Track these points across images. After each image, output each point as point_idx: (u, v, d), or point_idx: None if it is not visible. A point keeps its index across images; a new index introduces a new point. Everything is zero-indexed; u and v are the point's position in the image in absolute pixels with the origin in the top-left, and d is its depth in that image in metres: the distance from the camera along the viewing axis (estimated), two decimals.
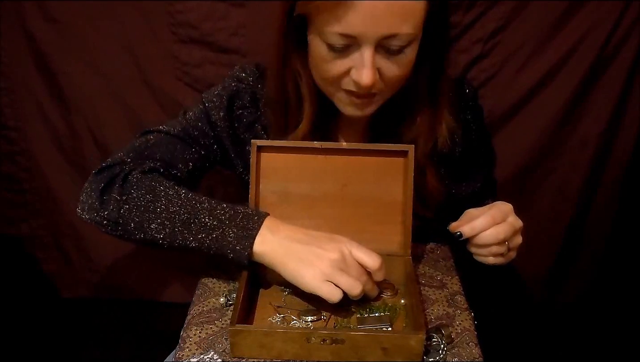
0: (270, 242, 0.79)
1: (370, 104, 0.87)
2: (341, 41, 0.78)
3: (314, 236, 0.80)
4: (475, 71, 1.37)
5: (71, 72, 1.39)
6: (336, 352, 0.74)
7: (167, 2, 1.32)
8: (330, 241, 0.79)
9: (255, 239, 0.79)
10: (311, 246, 0.78)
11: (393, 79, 0.84)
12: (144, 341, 1.55)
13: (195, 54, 1.36)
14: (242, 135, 0.98)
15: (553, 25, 1.33)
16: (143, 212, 0.84)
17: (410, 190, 0.86)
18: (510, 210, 0.85)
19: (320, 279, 0.76)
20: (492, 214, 0.83)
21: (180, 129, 0.96)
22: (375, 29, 0.76)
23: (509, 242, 0.84)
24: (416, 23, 0.78)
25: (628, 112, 1.42)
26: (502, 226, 0.83)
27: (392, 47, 0.79)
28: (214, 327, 0.81)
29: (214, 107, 0.96)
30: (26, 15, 1.34)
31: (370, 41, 0.78)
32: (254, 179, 0.87)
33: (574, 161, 1.46)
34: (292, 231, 0.81)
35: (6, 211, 1.53)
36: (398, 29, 0.77)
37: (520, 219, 0.85)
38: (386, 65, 0.81)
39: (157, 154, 0.93)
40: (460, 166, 1.01)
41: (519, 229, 0.85)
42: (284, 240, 0.79)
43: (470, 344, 0.79)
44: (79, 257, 1.58)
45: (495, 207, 0.85)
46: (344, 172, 0.88)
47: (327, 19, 0.77)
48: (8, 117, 1.44)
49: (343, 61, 0.81)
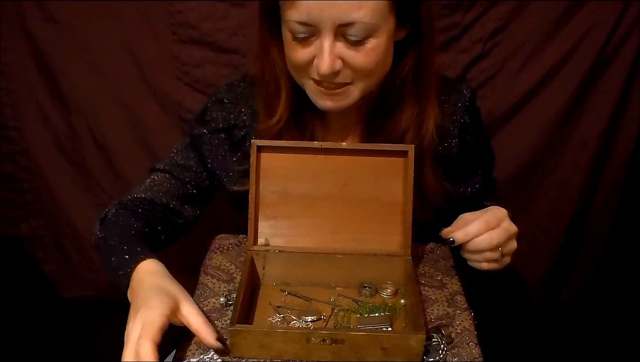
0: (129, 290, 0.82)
1: (343, 97, 0.87)
2: (301, 29, 0.80)
3: (133, 300, 0.79)
4: (475, 71, 1.37)
5: (71, 72, 1.39)
6: (336, 352, 0.74)
7: (167, 2, 1.32)
8: (137, 310, 0.75)
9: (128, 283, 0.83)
10: (132, 303, 0.79)
11: (361, 69, 0.84)
12: None
13: (195, 54, 1.36)
14: (227, 155, 1.00)
15: (553, 25, 1.33)
16: (104, 255, 0.90)
17: (410, 190, 0.86)
18: (504, 215, 0.84)
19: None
20: (485, 219, 0.82)
21: (172, 165, 1.01)
22: (329, 14, 0.77)
23: (503, 247, 0.83)
24: (375, 12, 0.78)
25: (628, 112, 1.42)
26: (496, 232, 0.82)
27: (352, 37, 0.80)
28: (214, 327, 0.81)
29: (199, 135, 1.00)
30: (26, 15, 1.34)
31: (328, 29, 0.79)
32: (254, 179, 0.87)
33: (574, 161, 1.46)
34: (134, 293, 0.80)
35: (6, 211, 1.53)
36: (354, 16, 0.78)
37: (519, 219, 0.85)
38: (350, 54, 0.82)
39: (154, 194, 0.99)
40: (458, 167, 1.01)
41: (514, 234, 0.84)
42: (131, 287, 0.82)
43: (470, 344, 0.79)
44: (79, 257, 1.58)
45: (489, 212, 0.84)
46: (344, 172, 0.88)
47: (287, 7, 0.80)
48: (8, 117, 1.44)
49: (307, 50, 0.83)
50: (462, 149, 1.00)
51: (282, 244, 0.90)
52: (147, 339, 0.71)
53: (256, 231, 0.89)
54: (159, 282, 0.80)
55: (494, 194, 1.09)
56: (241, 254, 0.98)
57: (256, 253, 0.89)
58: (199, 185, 1.02)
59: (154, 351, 0.71)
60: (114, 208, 0.96)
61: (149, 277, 0.82)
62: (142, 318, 0.73)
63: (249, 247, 0.89)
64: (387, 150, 0.87)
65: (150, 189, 0.99)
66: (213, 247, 1.01)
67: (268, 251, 0.89)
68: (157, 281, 0.80)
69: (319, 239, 0.86)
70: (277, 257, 0.88)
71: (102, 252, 0.90)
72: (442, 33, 1.32)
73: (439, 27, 1.31)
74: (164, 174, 1.00)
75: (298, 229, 0.89)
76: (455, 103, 0.98)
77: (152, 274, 0.82)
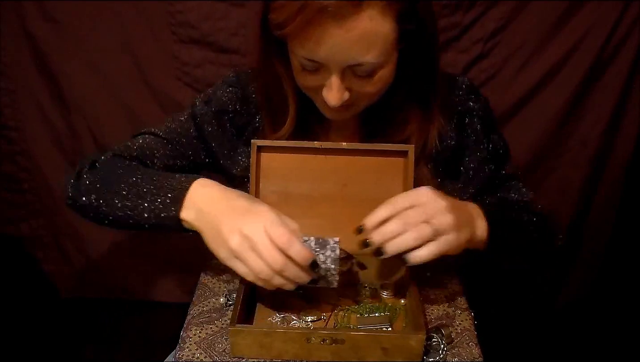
0: (193, 210, 0.77)
1: (350, 111, 0.88)
2: (310, 64, 0.80)
3: (234, 206, 0.75)
4: (475, 71, 1.37)
5: (71, 72, 1.39)
6: (336, 352, 0.74)
7: (167, 2, 1.32)
8: (248, 214, 0.73)
9: (182, 204, 0.77)
10: (227, 219, 0.74)
11: (369, 95, 0.85)
12: (144, 341, 1.55)
13: (195, 54, 1.36)
14: (233, 140, 0.98)
15: (553, 25, 1.33)
16: (105, 192, 0.84)
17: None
18: (426, 192, 0.77)
19: (230, 257, 0.73)
20: (403, 217, 0.75)
21: (167, 132, 0.96)
22: (337, 58, 0.77)
23: (431, 223, 0.75)
24: (382, 51, 0.78)
25: (628, 112, 1.42)
26: (411, 213, 0.75)
27: (360, 73, 0.80)
28: (214, 327, 0.81)
29: (203, 114, 0.97)
30: (26, 15, 1.34)
31: (336, 68, 0.79)
32: (254, 179, 0.87)
33: (574, 161, 1.46)
34: (214, 199, 0.77)
35: (6, 211, 1.53)
36: (361, 59, 0.78)
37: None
38: (358, 83, 0.82)
39: (140, 152, 0.93)
40: (456, 162, 0.98)
41: (441, 208, 0.76)
42: (206, 207, 0.76)
43: (470, 344, 0.79)
44: (79, 257, 1.58)
45: (408, 198, 0.78)
46: (344, 172, 0.88)
47: (295, 44, 0.79)
48: (8, 117, 1.44)
49: (316, 77, 0.82)
50: (460, 142, 0.97)
51: None
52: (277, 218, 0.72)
53: None
54: (236, 192, 0.78)
55: (514, 190, 1.01)
56: None
57: None
58: (193, 159, 0.98)
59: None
60: (105, 157, 0.90)
61: (221, 189, 0.78)
62: (259, 220, 0.72)
63: None
64: (387, 150, 0.87)
65: (141, 148, 0.93)
66: None
67: None
68: (234, 191, 0.78)
69: None
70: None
71: (110, 191, 0.83)
72: (442, 33, 1.32)
73: (439, 27, 1.31)
74: (160, 139, 0.95)
75: None
76: (450, 95, 0.96)
77: (221, 187, 0.78)
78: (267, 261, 0.70)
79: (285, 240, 0.70)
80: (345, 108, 0.86)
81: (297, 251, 0.71)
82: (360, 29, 0.74)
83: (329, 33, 0.75)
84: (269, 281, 0.72)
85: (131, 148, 0.92)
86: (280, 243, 0.71)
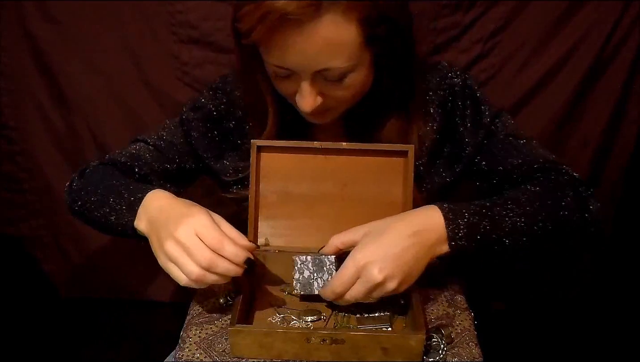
0: (144, 220, 0.81)
1: (327, 116, 0.88)
2: (281, 70, 0.80)
3: (173, 214, 0.78)
4: (475, 71, 1.37)
5: (71, 72, 1.39)
6: (336, 352, 0.74)
7: (167, 2, 1.32)
8: (182, 218, 0.75)
9: (136, 214, 0.82)
10: (165, 225, 0.77)
11: (342, 100, 0.85)
12: (144, 341, 1.55)
13: (195, 54, 1.36)
14: (220, 146, 1.00)
15: (553, 25, 1.33)
16: (85, 200, 0.91)
17: (410, 190, 0.86)
18: (363, 264, 0.75)
19: (166, 261, 0.76)
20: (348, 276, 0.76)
21: (158, 139, 1.00)
22: (304, 65, 0.78)
23: (374, 296, 0.77)
24: (349, 55, 0.78)
25: (628, 112, 1.42)
26: (358, 287, 0.75)
27: (330, 78, 0.80)
28: (214, 327, 0.82)
29: (190, 121, 0.99)
30: (26, 15, 1.34)
31: (305, 74, 0.79)
32: (254, 179, 0.87)
33: (574, 161, 1.46)
34: (162, 209, 0.80)
35: (6, 211, 1.53)
36: (328, 64, 0.78)
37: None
38: (330, 88, 0.82)
39: (128, 158, 0.98)
40: (440, 153, 0.97)
41: (375, 286, 0.75)
42: (153, 216, 0.80)
43: (470, 344, 0.79)
44: (79, 257, 1.58)
45: (351, 264, 0.76)
46: (344, 172, 0.88)
47: (263, 52, 0.80)
48: (8, 117, 1.44)
49: (289, 83, 0.83)
50: (447, 122, 0.96)
51: (282, 244, 0.90)
52: (208, 220, 0.75)
53: (256, 231, 0.90)
54: (183, 200, 0.81)
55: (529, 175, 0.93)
56: None
57: (256, 253, 0.89)
58: (181, 165, 1.00)
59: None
60: (93, 164, 0.97)
61: (170, 199, 0.82)
62: (190, 223, 0.74)
63: None
64: (387, 150, 0.87)
65: (131, 156, 0.98)
66: None
67: (268, 251, 0.89)
68: (180, 200, 0.81)
69: (319, 239, 0.86)
70: (277, 257, 0.88)
71: (89, 200, 0.90)
72: (442, 33, 1.32)
73: (439, 27, 1.31)
74: (149, 146, 0.99)
75: (298, 229, 0.89)
76: (431, 82, 0.96)
77: (171, 197, 0.82)
78: (197, 259, 0.72)
79: (216, 242, 0.73)
80: (322, 113, 0.86)
81: (230, 252, 0.73)
82: (323, 34, 0.74)
83: (292, 40, 0.75)
84: (202, 280, 0.73)
85: (121, 154, 0.98)
86: (213, 246, 0.73)
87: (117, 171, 0.94)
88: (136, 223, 0.82)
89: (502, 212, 0.81)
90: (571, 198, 0.85)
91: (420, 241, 0.77)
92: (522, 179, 0.91)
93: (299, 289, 0.81)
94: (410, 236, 0.77)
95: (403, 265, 0.75)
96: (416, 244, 0.77)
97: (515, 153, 0.93)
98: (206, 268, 0.72)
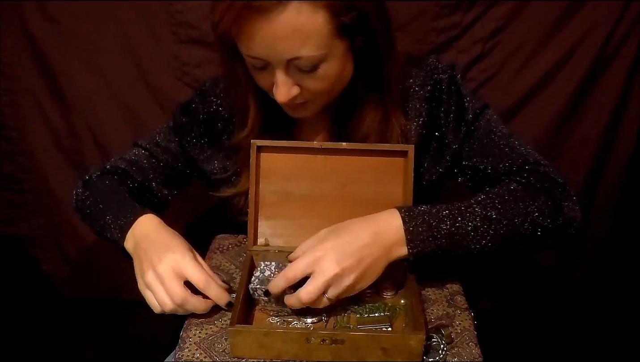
0: (132, 242, 0.87)
1: (306, 110, 0.89)
2: (255, 61, 0.81)
3: (157, 244, 0.83)
4: (475, 71, 1.37)
5: (71, 72, 1.39)
6: (336, 353, 0.74)
7: (167, 2, 1.32)
8: (165, 252, 0.82)
9: (125, 235, 0.87)
10: (148, 254, 0.82)
11: (317, 92, 0.85)
12: (144, 341, 1.55)
13: (195, 54, 1.36)
14: (210, 147, 1.01)
15: (553, 25, 1.33)
16: (88, 212, 0.96)
17: (410, 190, 0.86)
18: (322, 256, 0.76)
19: (144, 288, 0.83)
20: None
21: (153, 143, 1.04)
22: (274, 53, 0.78)
23: (328, 294, 0.77)
24: (318, 44, 0.78)
25: (628, 112, 1.42)
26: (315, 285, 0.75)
27: (303, 67, 0.80)
28: (214, 327, 0.81)
29: (180, 125, 1.03)
30: (26, 15, 1.34)
31: (278, 63, 0.80)
32: (254, 179, 0.87)
33: (574, 161, 1.46)
34: (148, 235, 0.85)
35: (6, 211, 1.53)
36: (297, 53, 0.78)
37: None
38: (305, 79, 0.82)
39: (128, 165, 1.02)
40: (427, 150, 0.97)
41: (328, 280, 0.75)
42: (139, 241, 0.85)
43: (470, 344, 0.79)
44: (79, 257, 1.58)
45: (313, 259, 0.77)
46: (344, 172, 0.88)
47: (238, 43, 0.80)
48: (8, 117, 1.44)
49: (266, 75, 0.83)
50: (432, 116, 0.95)
51: (282, 244, 0.90)
52: (192, 260, 0.82)
53: (256, 231, 0.90)
54: (169, 231, 0.86)
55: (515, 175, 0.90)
56: (241, 254, 0.98)
57: (256, 253, 0.89)
58: (176, 169, 1.04)
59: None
60: (96, 173, 1.00)
61: (156, 226, 0.87)
62: (172, 258, 0.81)
63: (249, 247, 0.89)
64: (387, 150, 0.87)
65: (129, 162, 1.02)
66: (213, 247, 1.01)
67: (268, 251, 0.89)
68: (165, 230, 0.86)
69: None
70: (277, 257, 0.88)
71: (90, 211, 0.95)
72: (442, 33, 1.32)
73: (439, 27, 1.31)
74: (145, 152, 1.03)
75: (298, 229, 0.89)
76: (417, 77, 0.95)
77: (157, 225, 0.87)
78: (170, 295, 0.80)
79: (203, 284, 0.81)
80: (301, 106, 0.87)
81: (215, 294, 0.81)
82: (289, 22, 0.75)
83: (258, 28, 0.75)
84: (173, 312, 0.81)
85: (121, 160, 1.03)
86: (199, 287, 0.81)
87: (116, 182, 0.98)
88: (125, 244, 0.88)
89: (466, 216, 0.80)
90: (543, 202, 0.84)
91: (379, 241, 0.78)
92: (499, 179, 0.91)
93: (257, 283, 0.81)
94: (369, 236, 0.78)
95: (361, 261, 0.76)
96: (374, 244, 0.77)
97: (495, 152, 0.93)
98: (178, 304, 0.80)
